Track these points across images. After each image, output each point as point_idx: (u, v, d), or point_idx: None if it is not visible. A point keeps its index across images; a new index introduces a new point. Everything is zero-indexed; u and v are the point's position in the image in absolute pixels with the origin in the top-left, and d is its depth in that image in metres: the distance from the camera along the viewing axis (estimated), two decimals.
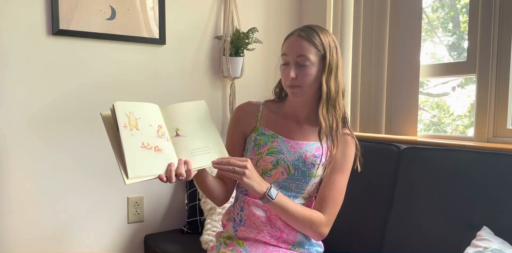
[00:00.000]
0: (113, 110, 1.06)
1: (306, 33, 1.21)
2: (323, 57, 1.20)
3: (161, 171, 1.07)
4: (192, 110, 1.19)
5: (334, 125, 1.24)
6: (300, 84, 1.21)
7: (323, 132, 1.22)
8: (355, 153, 1.30)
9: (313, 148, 1.25)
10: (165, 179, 1.07)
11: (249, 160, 1.13)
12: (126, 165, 1.01)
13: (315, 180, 1.27)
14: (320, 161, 1.25)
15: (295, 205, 1.19)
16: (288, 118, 1.30)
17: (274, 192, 1.16)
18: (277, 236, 1.25)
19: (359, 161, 1.31)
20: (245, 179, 1.11)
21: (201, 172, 1.19)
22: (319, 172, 1.26)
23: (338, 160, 1.26)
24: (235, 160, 1.11)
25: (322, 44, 1.20)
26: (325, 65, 1.20)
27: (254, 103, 1.36)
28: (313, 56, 1.19)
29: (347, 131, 1.30)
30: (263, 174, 1.26)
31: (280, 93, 1.35)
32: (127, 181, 1.01)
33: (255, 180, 1.13)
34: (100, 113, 1.09)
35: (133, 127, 1.06)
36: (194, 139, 1.14)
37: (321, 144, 1.25)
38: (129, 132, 1.05)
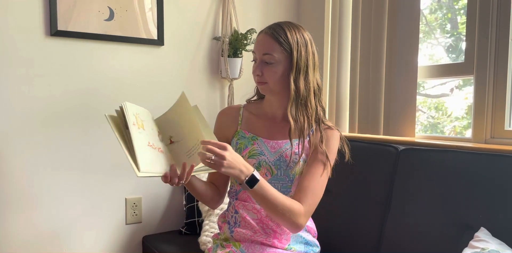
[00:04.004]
0: (122, 109, 1.07)
1: (273, 30, 1.20)
2: (290, 55, 1.19)
3: (166, 170, 1.07)
4: (176, 112, 1.17)
5: (306, 124, 1.21)
6: (266, 81, 1.21)
7: (292, 132, 1.20)
8: (340, 145, 1.28)
9: (293, 145, 1.24)
10: (169, 178, 1.07)
11: (228, 147, 1.05)
12: (137, 159, 1.01)
13: (299, 177, 1.25)
14: (300, 158, 1.24)
15: (276, 194, 1.14)
16: (267, 118, 1.31)
17: (254, 180, 1.09)
18: (272, 236, 1.25)
19: (347, 152, 1.29)
20: (223, 169, 1.05)
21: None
22: (301, 168, 1.25)
23: (320, 153, 1.23)
24: (213, 147, 1.03)
25: (288, 42, 1.18)
26: (292, 64, 1.19)
27: (234, 107, 1.37)
28: (278, 55, 1.18)
29: (329, 126, 1.27)
30: None
31: (258, 91, 1.35)
32: (139, 174, 1.01)
33: (235, 168, 1.06)
34: (105, 114, 1.08)
35: (140, 126, 1.07)
36: (186, 141, 1.15)
37: (298, 141, 1.23)
38: (137, 129, 1.06)
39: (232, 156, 1.05)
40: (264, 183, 1.12)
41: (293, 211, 1.14)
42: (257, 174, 1.10)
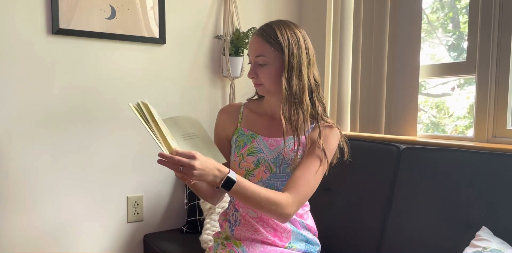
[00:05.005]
0: (143, 105, 1.07)
1: (262, 31, 1.20)
2: (282, 54, 1.18)
3: None
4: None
5: (300, 121, 1.20)
6: (262, 82, 1.22)
7: (284, 130, 1.19)
8: (340, 143, 1.27)
9: (291, 143, 1.24)
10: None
11: (197, 155, 1.01)
12: (172, 147, 1.02)
13: None
14: (300, 155, 1.23)
15: (258, 190, 1.10)
16: (267, 116, 1.31)
17: (230, 182, 1.06)
18: (273, 235, 1.25)
19: (346, 150, 1.28)
20: (194, 178, 1.02)
21: None
22: None
23: (318, 148, 1.21)
24: (181, 158, 0.99)
25: (278, 41, 1.18)
26: (284, 63, 1.18)
27: (235, 105, 1.37)
28: (270, 55, 1.18)
29: (329, 123, 1.26)
30: (247, 174, 1.25)
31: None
32: None
33: (208, 174, 1.03)
34: (129, 104, 1.07)
35: (160, 124, 1.07)
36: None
37: (293, 139, 1.22)
38: (161, 125, 1.06)
39: (202, 163, 1.01)
40: (242, 182, 1.08)
41: (278, 203, 1.11)
42: (233, 175, 1.07)
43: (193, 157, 1.00)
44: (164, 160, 1.00)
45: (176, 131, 1.16)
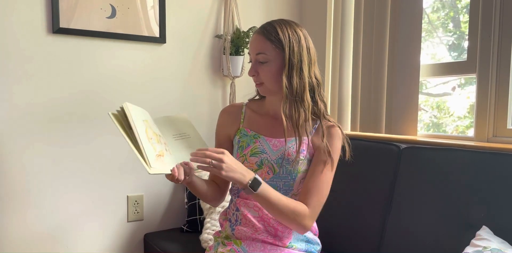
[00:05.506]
0: (123, 110, 1.07)
1: (264, 29, 1.20)
2: (282, 52, 1.18)
3: (173, 167, 1.08)
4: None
5: (302, 119, 1.20)
6: (262, 81, 1.22)
7: (285, 129, 1.19)
8: (342, 143, 1.27)
9: (294, 143, 1.23)
10: (176, 174, 1.08)
11: (226, 152, 1.07)
12: (148, 156, 1.02)
13: (301, 176, 1.24)
14: (303, 156, 1.23)
15: (279, 196, 1.14)
16: (269, 117, 1.30)
17: (257, 183, 1.10)
18: (273, 234, 1.25)
19: (347, 150, 1.28)
20: (223, 173, 1.05)
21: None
22: (303, 167, 1.24)
23: (323, 152, 1.21)
24: (211, 152, 1.05)
25: (279, 39, 1.17)
26: (285, 61, 1.18)
27: (237, 105, 1.37)
28: (271, 53, 1.18)
29: (331, 123, 1.26)
30: None
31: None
32: (151, 171, 1.01)
33: (236, 171, 1.07)
34: (108, 113, 1.08)
35: (143, 125, 1.07)
36: (190, 139, 1.16)
37: (295, 140, 1.22)
38: (141, 128, 1.06)
39: (231, 159, 1.07)
40: (266, 186, 1.12)
41: (298, 213, 1.15)
42: (258, 177, 1.11)
43: (221, 152, 1.06)
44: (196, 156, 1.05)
45: (167, 131, 1.16)
